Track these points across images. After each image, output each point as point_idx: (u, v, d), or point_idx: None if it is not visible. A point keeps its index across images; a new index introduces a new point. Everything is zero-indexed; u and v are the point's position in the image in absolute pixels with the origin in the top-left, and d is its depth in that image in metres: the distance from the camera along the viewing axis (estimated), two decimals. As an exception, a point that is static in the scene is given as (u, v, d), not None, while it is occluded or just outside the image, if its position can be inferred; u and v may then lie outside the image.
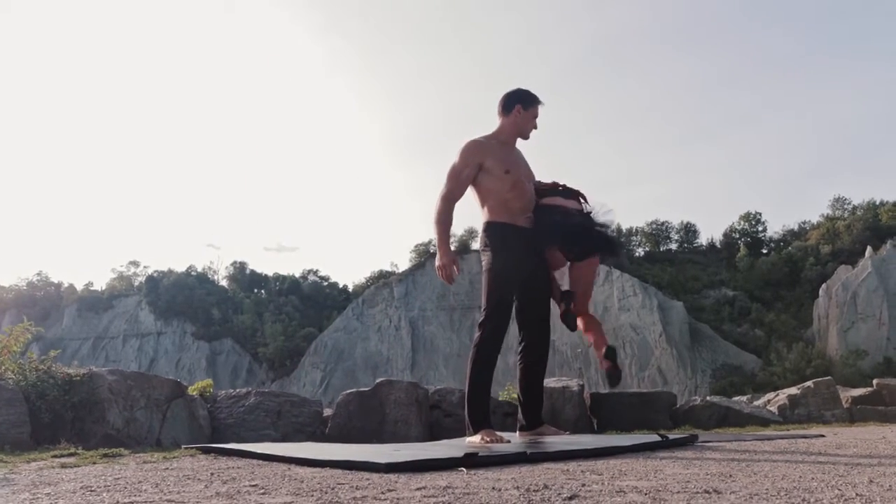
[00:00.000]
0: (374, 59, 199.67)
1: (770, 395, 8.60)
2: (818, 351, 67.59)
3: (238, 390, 5.36)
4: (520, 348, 4.18)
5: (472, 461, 2.65)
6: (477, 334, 3.95)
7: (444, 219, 4.05)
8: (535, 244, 4.04)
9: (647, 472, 2.42)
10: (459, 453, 2.82)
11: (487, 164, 4.03)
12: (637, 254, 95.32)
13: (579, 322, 4.44)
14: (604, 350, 4.31)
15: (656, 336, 76.57)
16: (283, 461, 2.84)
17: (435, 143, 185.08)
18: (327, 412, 5.93)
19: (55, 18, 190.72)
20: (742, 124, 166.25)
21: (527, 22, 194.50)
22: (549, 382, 6.97)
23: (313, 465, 2.70)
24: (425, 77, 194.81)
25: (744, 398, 9.18)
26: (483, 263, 4.09)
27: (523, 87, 4.15)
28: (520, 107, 4.12)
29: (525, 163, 4.29)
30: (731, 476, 2.30)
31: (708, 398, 7.76)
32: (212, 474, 2.43)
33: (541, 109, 4.22)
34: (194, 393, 5.19)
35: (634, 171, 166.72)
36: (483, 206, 4.12)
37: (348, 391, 5.85)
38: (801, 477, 2.25)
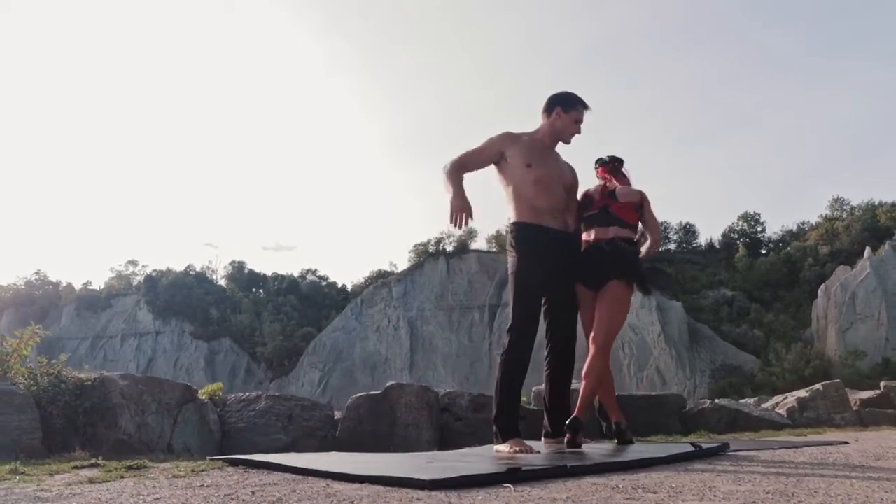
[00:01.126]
0: (373, 60, 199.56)
1: (778, 398, 8.56)
2: (817, 351, 67.57)
3: (248, 394, 5.32)
4: (546, 353, 4.04)
5: (516, 476, 2.59)
6: (505, 340, 3.80)
7: (455, 168, 3.92)
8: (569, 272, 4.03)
9: (703, 491, 2.36)
10: (494, 465, 2.77)
11: (509, 154, 3.95)
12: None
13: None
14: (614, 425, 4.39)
15: (655, 336, 76.47)
16: (320, 476, 2.76)
17: (434, 143, 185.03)
18: (337, 415, 5.89)
19: (54, 17, 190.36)
20: (741, 125, 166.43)
21: (527, 22, 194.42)
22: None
23: (352, 480, 2.61)
24: (424, 77, 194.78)
25: (751, 400, 9.15)
26: (509, 265, 3.97)
27: (572, 91, 4.08)
28: (560, 109, 4.04)
29: (564, 167, 4.19)
30: (793, 495, 2.26)
31: (717, 401, 7.72)
32: (253, 493, 2.36)
33: (586, 115, 4.10)
34: (204, 397, 5.15)
35: (633, 171, 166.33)
36: (509, 204, 4.03)
37: (358, 395, 5.81)
38: (866, 498, 2.22)
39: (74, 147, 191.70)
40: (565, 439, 3.92)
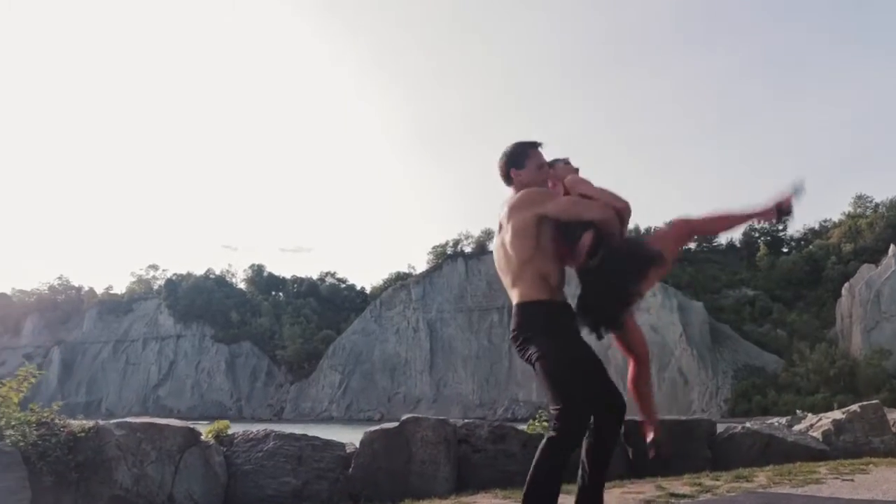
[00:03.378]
0: (391, 61, 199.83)
1: (812, 419, 8.18)
2: (841, 351, 66.71)
3: (256, 431, 5.06)
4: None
5: None
6: (552, 429, 3.21)
7: None
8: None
9: None
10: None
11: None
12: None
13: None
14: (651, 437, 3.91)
15: (676, 336, 75.81)
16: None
17: (452, 144, 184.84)
18: (350, 449, 5.61)
19: (70, 23, 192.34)
20: (760, 120, 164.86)
21: (548, 15, 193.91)
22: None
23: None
24: (443, 79, 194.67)
25: (783, 420, 8.76)
26: (533, 351, 3.38)
27: (515, 143, 3.54)
28: (514, 170, 3.51)
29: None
30: None
31: (748, 425, 7.36)
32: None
33: (542, 150, 3.57)
34: (209, 436, 4.89)
35: (652, 168, 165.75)
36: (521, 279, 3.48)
37: (373, 429, 5.53)
38: None
39: (95, 153, 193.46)
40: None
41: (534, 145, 3.54)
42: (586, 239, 3.32)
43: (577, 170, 3.60)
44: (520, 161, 3.49)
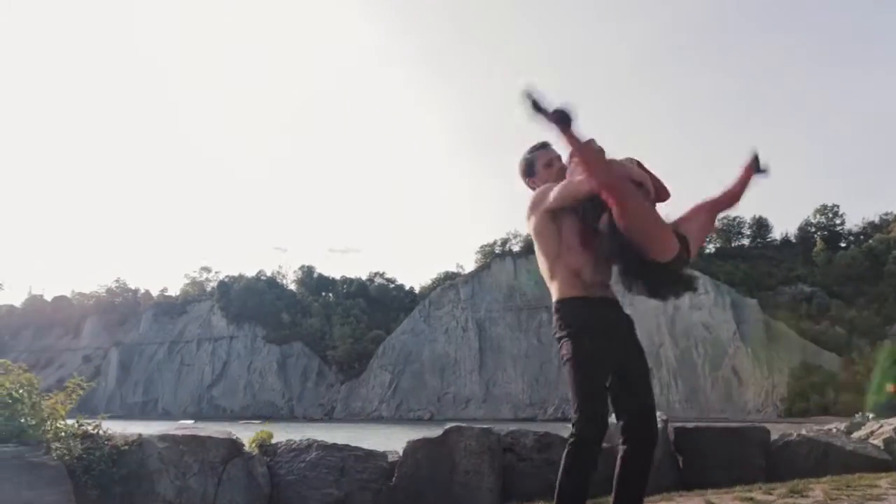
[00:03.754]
0: (438, 57, 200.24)
1: (873, 425, 7.86)
2: (905, 348, 64.78)
3: (300, 441, 5.05)
4: (621, 436, 3.36)
5: None
6: (570, 434, 3.16)
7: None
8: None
9: None
10: None
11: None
12: (707, 250, 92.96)
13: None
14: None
15: (730, 335, 74.46)
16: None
17: (500, 141, 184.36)
18: (393, 458, 5.57)
19: (114, 26, 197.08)
20: (815, 113, 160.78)
21: (596, 9, 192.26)
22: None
23: None
24: (494, 75, 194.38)
25: (842, 426, 8.44)
26: (562, 352, 3.32)
27: (524, 157, 3.47)
28: (529, 179, 3.44)
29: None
30: None
31: (804, 433, 7.10)
32: None
33: (552, 151, 3.47)
34: (253, 445, 4.91)
35: (702, 162, 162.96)
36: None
37: (416, 439, 5.48)
38: None
39: (151, 159, 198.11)
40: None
41: (537, 147, 3.48)
42: (603, 221, 3.19)
43: (601, 150, 3.38)
44: (530, 169, 3.46)
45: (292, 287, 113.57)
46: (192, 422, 78.63)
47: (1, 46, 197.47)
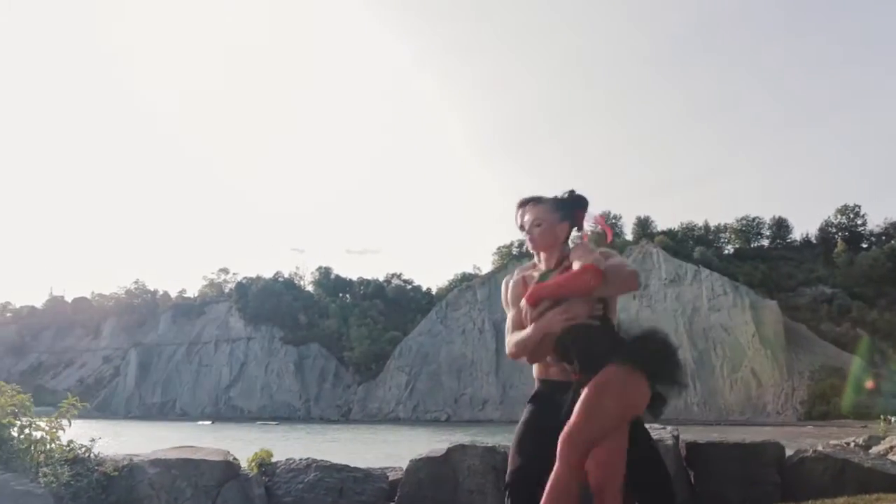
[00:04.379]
0: (458, 57, 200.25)
1: (893, 440, 7.65)
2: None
3: (298, 461, 4.95)
4: None
5: None
6: None
7: None
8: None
9: None
10: None
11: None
12: (726, 251, 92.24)
13: None
14: None
15: (749, 337, 73.71)
16: None
17: (519, 142, 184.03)
18: (394, 476, 5.46)
19: (131, 24, 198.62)
20: (838, 110, 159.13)
21: (616, 10, 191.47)
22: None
23: None
24: (515, 73, 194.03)
25: (860, 440, 8.23)
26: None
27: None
28: None
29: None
30: None
31: (820, 449, 6.90)
32: None
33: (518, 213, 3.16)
34: (252, 464, 4.81)
35: (722, 164, 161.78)
36: None
37: (418, 457, 5.36)
38: None
39: (166, 160, 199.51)
40: None
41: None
42: None
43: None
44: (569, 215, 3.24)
45: (309, 288, 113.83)
46: (209, 422, 78.92)
47: (8, 46, 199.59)
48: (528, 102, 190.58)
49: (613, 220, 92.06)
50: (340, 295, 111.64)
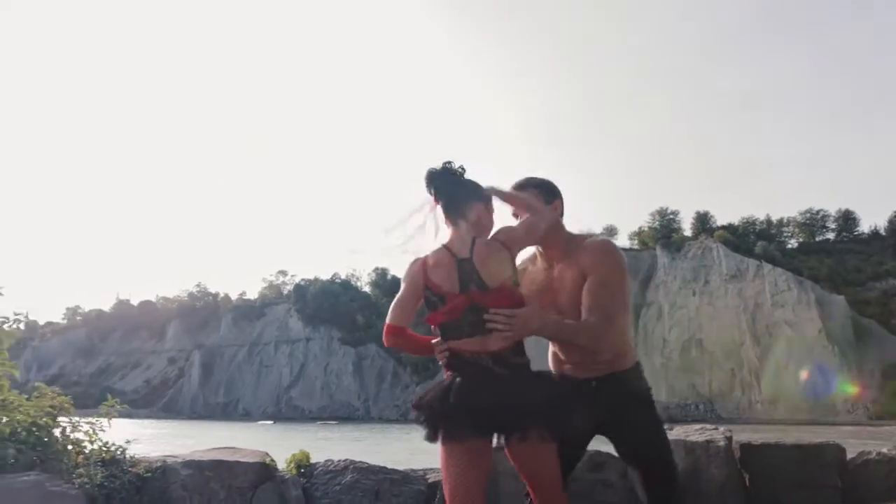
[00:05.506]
0: (511, 51, 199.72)
1: (964, 441, 7.24)
2: None
3: (336, 462, 4.91)
4: None
5: None
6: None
7: None
8: None
9: None
10: None
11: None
12: (789, 245, 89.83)
13: None
14: None
15: (815, 333, 71.63)
16: None
17: (573, 136, 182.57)
18: (433, 479, 5.37)
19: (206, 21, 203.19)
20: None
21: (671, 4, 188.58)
22: (690, 433, 6.08)
23: None
24: (563, 69, 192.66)
25: (928, 441, 7.81)
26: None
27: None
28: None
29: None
30: None
31: (885, 451, 6.58)
32: None
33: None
34: (290, 467, 4.79)
35: (784, 155, 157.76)
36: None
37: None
38: None
39: (228, 166, 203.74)
40: None
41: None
42: None
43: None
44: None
45: (366, 289, 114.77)
46: (271, 422, 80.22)
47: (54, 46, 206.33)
48: (582, 96, 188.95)
49: (671, 216, 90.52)
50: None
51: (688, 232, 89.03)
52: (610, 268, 2.90)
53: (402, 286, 2.95)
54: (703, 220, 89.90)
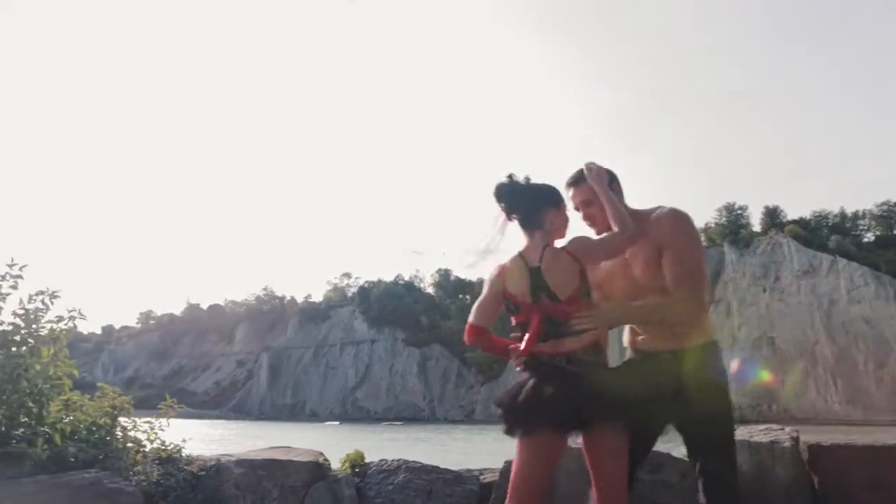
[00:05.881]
0: (580, 50, 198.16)
1: None
2: None
3: (390, 462, 4.91)
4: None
5: None
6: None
7: None
8: None
9: None
10: None
11: None
12: (865, 239, 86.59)
13: None
14: None
15: (895, 330, 68.99)
16: None
17: (641, 133, 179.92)
18: (489, 478, 5.32)
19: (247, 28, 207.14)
20: None
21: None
22: (755, 434, 5.87)
23: None
24: (631, 67, 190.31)
25: None
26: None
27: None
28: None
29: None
30: None
31: (967, 451, 6.23)
32: None
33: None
34: (344, 466, 4.82)
35: (859, 147, 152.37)
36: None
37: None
38: None
39: (293, 173, 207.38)
40: None
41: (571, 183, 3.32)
42: None
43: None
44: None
45: (430, 290, 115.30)
46: (337, 423, 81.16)
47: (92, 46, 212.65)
48: (651, 92, 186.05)
49: (739, 211, 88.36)
50: (461, 296, 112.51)
51: (756, 227, 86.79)
52: (690, 237, 2.84)
53: (484, 290, 3.01)
54: (772, 215, 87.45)
